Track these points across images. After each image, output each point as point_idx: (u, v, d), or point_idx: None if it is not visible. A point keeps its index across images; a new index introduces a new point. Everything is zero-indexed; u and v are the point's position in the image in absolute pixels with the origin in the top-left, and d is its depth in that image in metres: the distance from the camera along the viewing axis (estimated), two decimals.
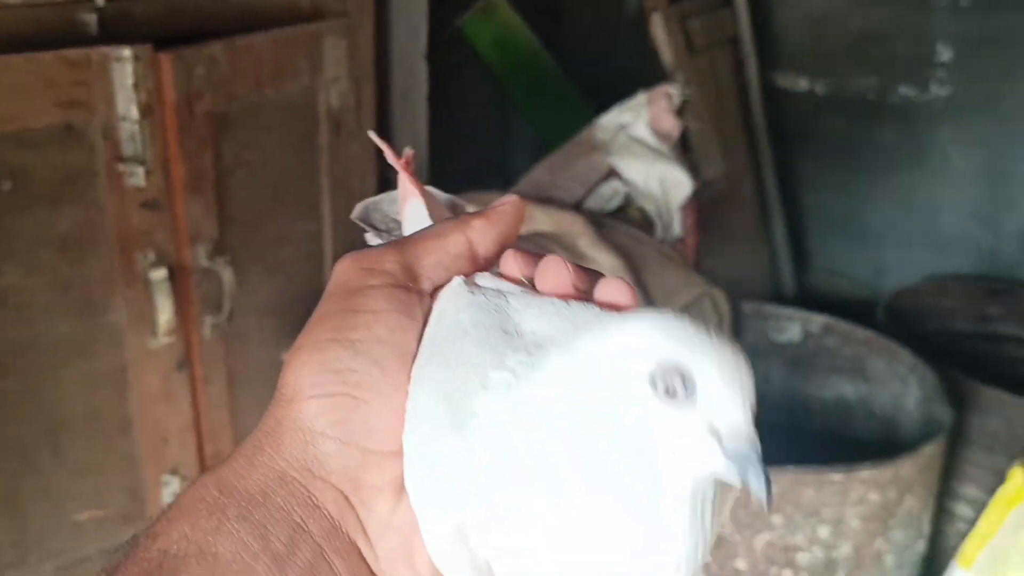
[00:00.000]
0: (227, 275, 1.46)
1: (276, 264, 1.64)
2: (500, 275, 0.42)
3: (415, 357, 0.39)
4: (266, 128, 1.57)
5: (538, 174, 2.04)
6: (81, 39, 1.30)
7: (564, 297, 0.39)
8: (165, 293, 1.38)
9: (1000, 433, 1.86)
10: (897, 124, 2.56)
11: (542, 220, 1.77)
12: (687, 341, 0.34)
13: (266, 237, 1.61)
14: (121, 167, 1.32)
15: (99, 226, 1.35)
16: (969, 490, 1.87)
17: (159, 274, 1.37)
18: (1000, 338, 2.36)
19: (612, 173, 1.95)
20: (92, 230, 1.34)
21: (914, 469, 1.54)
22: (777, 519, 1.49)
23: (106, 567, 0.35)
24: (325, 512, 0.36)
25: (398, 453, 0.37)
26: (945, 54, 2.46)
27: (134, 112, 1.31)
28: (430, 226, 0.43)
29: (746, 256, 2.49)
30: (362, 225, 0.50)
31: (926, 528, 1.68)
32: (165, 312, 1.38)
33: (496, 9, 2.27)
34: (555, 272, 0.40)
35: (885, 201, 2.64)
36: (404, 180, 0.48)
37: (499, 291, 0.40)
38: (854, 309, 2.46)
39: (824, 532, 1.50)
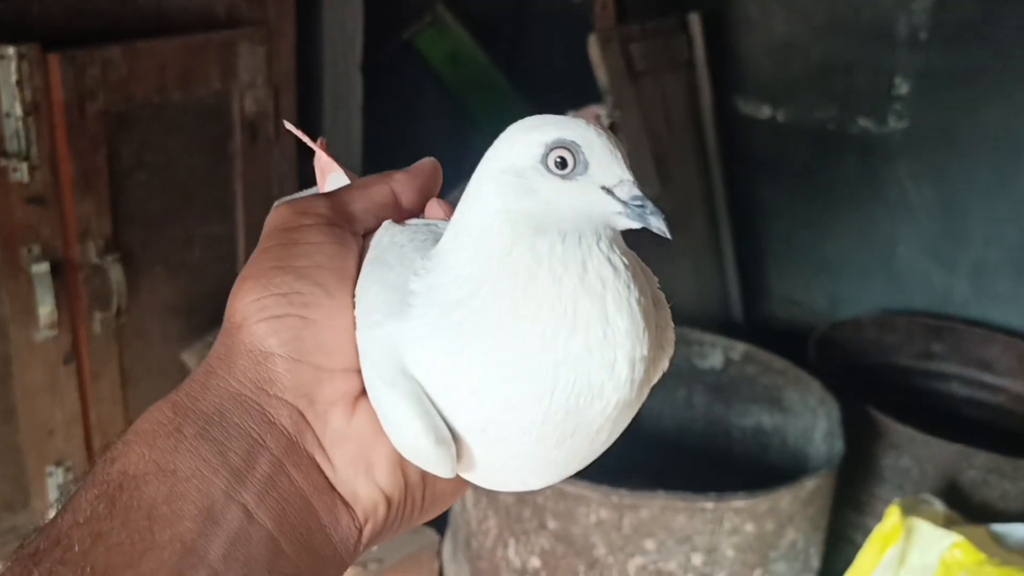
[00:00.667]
0: (116, 272, 1.48)
1: (181, 264, 1.66)
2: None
3: (355, 281, 0.41)
4: (172, 130, 1.60)
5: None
6: None
7: None
8: (46, 287, 1.41)
9: (911, 471, 1.83)
10: (856, 156, 2.55)
11: None
12: (564, 124, 0.39)
13: (171, 237, 1.64)
14: (4, 162, 1.35)
15: None
16: None
17: (41, 268, 1.40)
18: (942, 376, 2.33)
19: None
20: None
21: (794, 502, 1.53)
22: (649, 544, 1.48)
23: (65, 493, 0.36)
24: (281, 428, 0.38)
25: (349, 370, 0.39)
26: (903, 87, 2.44)
27: (18, 109, 1.34)
28: (354, 181, 0.46)
29: (694, 280, 2.48)
30: None
31: (815, 562, 1.66)
32: (46, 305, 1.41)
33: (447, 24, 2.29)
34: (432, 207, 0.45)
35: (843, 232, 2.62)
36: (323, 159, 0.51)
37: (428, 223, 0.43)
38: (808, 339, 2.44)
39: (697, 560, 1.49)
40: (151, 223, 1.59)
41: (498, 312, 0.37)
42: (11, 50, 1.32)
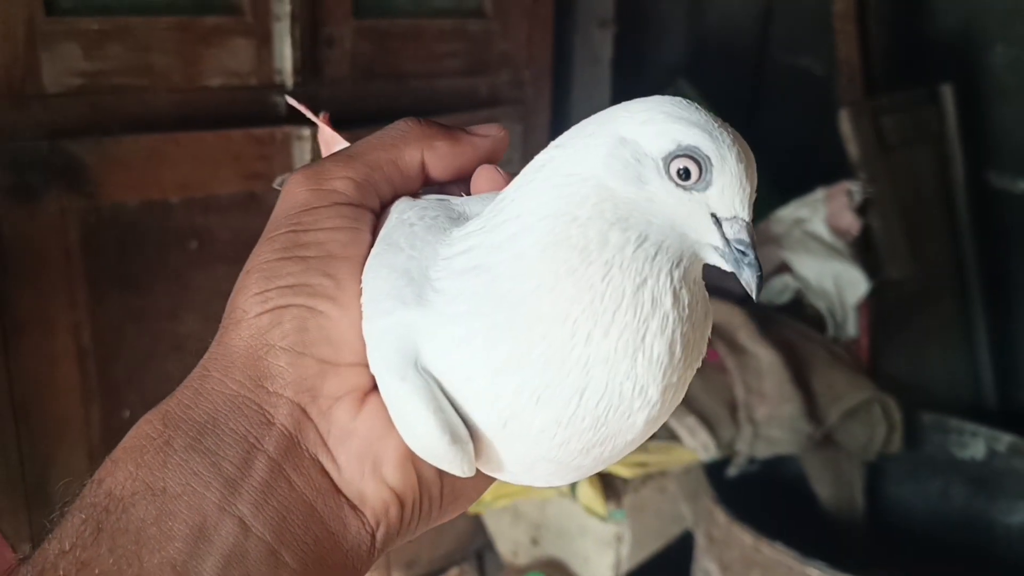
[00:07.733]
0: None
1: None
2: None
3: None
4: None
5: None
6: (271, 118, 1.46)
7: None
8: None
9: None
10: None
11: None
12: (707, 131, 0.35)
13: None
14: None
15: None
16: None
17: None
18: None
19: (784, 267, 1.92)
20: None
21: None
22: None
23: (51, 519, 0.34)
24: (281, 428, 0.35)
25: (357, 364, 0.36)
26: None
27: None
28: (387, 133, 0.41)
29: (941, 364, 2.34)
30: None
31: None
32: None
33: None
34: (488, 175, 0.41)
35: None
36: (327, 133, 0.51)
37: (441, 198, 0.40)
38: None
39: None
40: None
41: (534, 287, 0.33)
42: (307, 131, 1.42)
